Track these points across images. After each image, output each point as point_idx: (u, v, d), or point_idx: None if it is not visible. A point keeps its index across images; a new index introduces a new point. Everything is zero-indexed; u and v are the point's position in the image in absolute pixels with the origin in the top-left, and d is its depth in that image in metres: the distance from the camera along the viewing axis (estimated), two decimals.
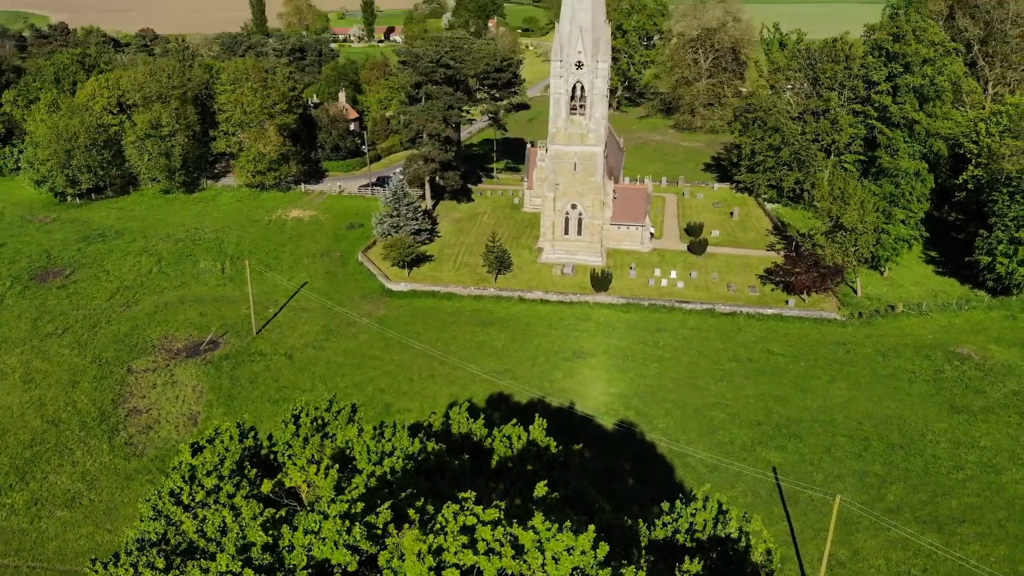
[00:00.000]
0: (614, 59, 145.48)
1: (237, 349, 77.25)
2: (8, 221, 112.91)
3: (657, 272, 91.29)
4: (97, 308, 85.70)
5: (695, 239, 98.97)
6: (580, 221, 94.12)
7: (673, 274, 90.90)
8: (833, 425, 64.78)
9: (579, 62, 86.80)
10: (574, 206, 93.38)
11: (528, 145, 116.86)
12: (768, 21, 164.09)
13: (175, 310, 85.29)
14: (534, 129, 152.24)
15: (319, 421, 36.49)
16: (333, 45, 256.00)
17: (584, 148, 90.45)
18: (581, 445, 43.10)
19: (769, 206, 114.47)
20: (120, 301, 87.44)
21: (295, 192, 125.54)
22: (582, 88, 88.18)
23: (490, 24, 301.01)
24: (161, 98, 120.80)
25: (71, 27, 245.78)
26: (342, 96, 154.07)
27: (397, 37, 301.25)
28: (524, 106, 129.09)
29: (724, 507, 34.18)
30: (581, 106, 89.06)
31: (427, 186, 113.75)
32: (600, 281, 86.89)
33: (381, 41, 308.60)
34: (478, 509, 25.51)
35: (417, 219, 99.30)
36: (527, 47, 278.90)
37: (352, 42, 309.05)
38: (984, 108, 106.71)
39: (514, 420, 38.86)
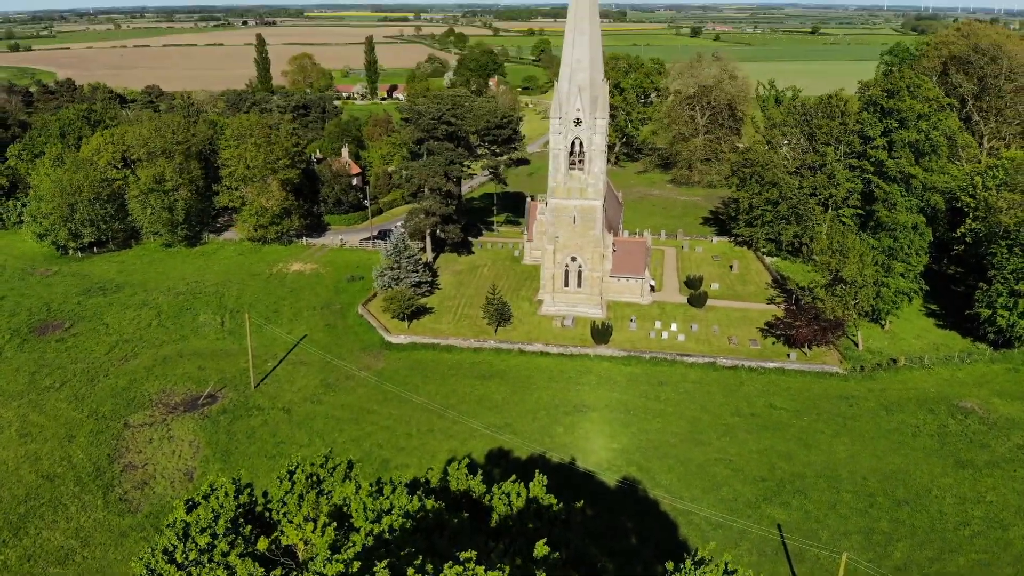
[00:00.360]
0: (612, 116, 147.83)
1: (235, 403, 76.60)
2: (9, 274, 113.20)
3: (658, 324, 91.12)
4: (95, 361, 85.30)
5: (695, 292, 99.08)
6: (580, 273, 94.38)
7: (674, 327, 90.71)
8: (838, 481, 63.85)
9: (578, 119, 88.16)
10: (574, 258, 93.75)
11: (528, 199, 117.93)
12: (763, 78, 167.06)
13: (173, 364, 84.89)
14: (534, 183, 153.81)
15: (314, 478, 35.94)
16: (337, 102, 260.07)
17: (583, 202, 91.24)
18: (582, 502, 42.38)
19: (768, 259, 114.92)
20: (119, 355, 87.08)
21: (297, 245, 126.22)
22: (581, 144, 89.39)
23: (491, 83, 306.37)
24: (165, 153, 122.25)
25: (78, 83, 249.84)
26: (345, 151, 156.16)
27: (400, 95, 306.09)
28: (524, 161, 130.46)
29: (731, 567, 33.34)
30: (580, 161, 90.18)
31: (428, 239, 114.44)
32: (600, 333, 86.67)
33: (384, 99, 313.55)
34: (479, 570, 24.95)
35: (417, 271, 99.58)
36: (527, 105, 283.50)
37: (355, 100, 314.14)
38: (980, 162, 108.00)
39: (514, 476, 38.27)
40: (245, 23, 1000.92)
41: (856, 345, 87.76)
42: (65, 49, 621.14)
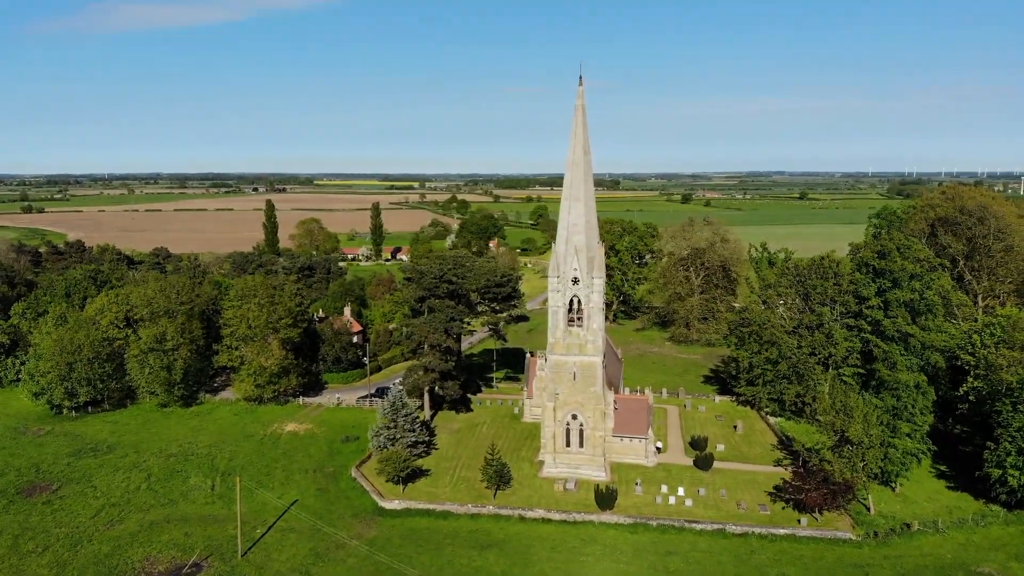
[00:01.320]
0: (608, 275, 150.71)
1: (220, 573, 72.61)
2: (1, 433, 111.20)
3: (664, 488, 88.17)
4: (80, 526, 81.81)
5: (700, 453, 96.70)
6: (582, 432, 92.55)
7: (680, 491, 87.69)
8: None
9: (575, 278, 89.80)
10: (575, 416, 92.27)
11: (527, 355, 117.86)
12: (755, 241, 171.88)
13: (160, 530, 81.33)
14: (533, 339, 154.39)
15: None
16: (341, 264, 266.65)
17: (583, 358, 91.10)
18: None
19: (772, 419, 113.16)
20: (104, 519, 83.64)
21: (293, 405, 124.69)
22: (579, 302, 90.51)
23: (491, 244, 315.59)
24: (168, 313, 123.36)
25: (87, 245, 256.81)
26: (347, 310, 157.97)
27: (403, 256, 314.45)
28: (523, 318, 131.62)
29: None
30: (579, 318, 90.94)
31: (426, 396, 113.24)
32: (605, 498, 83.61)
33: (388, 260, 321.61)
34: None
35: (414, 430, 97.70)
36: (526, 264, 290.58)
37: (360, 261, 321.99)
38: (976, 320, 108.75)
39: None
40: (256, 190, 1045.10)
41: (868, 509, 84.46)
42: (78, 212, 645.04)
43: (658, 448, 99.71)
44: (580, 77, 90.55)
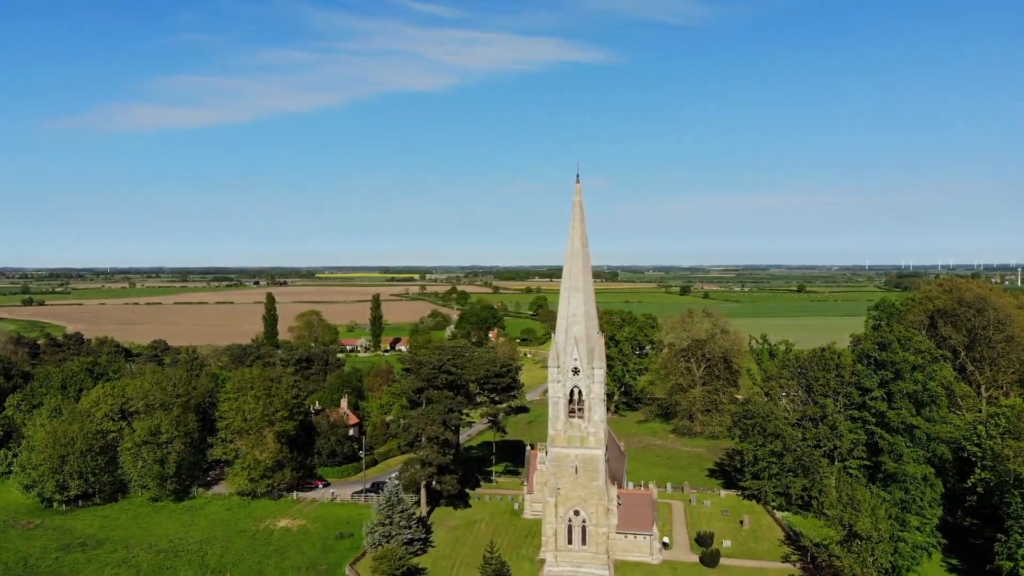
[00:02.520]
0: (609, 366, 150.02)
1: None
2: None
3: None
4: None
5: (707, 550, 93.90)
6: (584, 528, 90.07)
7: None
8: None
9: (576, 368, 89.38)
10: (577, 512, 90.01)
11: (528, 447, 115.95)
12: (755, 332, 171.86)
13: None
14: (533, 431, 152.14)
15: None
16: (340, 355, 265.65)
17: (585, 451, 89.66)
18: None
19: (779, 514, 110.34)
20: None
21: (287, 500, 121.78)
22: (579, 392, 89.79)
23: (490, 335, 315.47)
24: (164, 406, 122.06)
25: (86, 337, 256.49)
26: (344, 402, 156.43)
27: (403, 347, 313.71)
28: (523, 409, 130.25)
29: None
30: (580, 409, 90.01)
31: (423, 491, 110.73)
32: None
33: (387, 351, 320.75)
34: None
35: (410, 527, 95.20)
36: (525, 355, 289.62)
37: (359, 352, 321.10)
38: (981, 411, 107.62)
39: None
40: (257, 283, 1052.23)
41: None
42: (78, 305, 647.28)
43: (664, 544, 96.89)
44: (577, 176, 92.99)
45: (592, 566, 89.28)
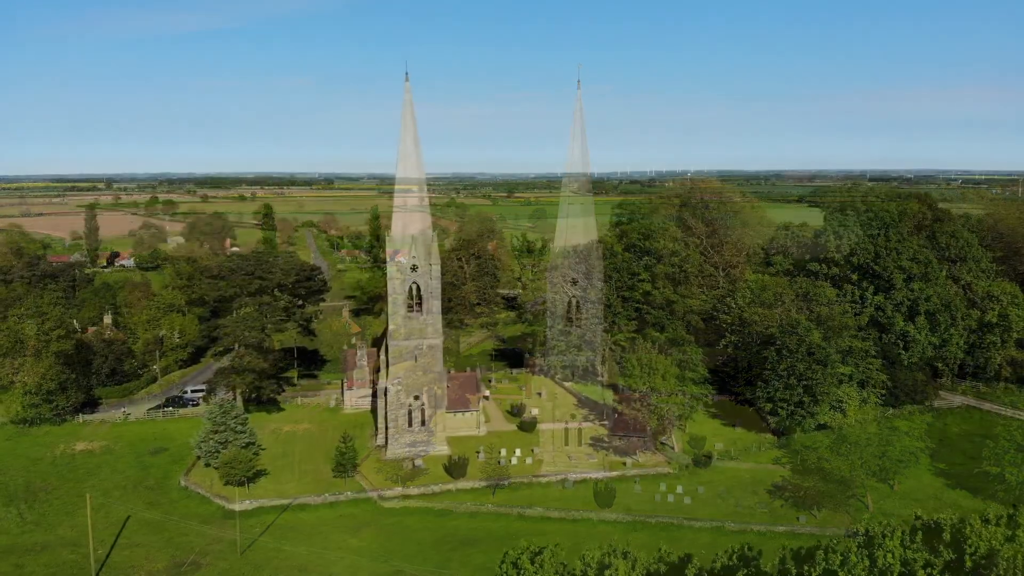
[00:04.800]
0: None
1: None
2: None
3: (503, 452, 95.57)
4: None
5: (522, 419, 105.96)
6: (423, 411, 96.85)
7: (518, 452, 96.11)
8: None
9: (414, 265, 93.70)
10: (417, 397, 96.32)
11: (345, 348, 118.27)
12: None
13: None
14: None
15: None
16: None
17: (425, 341, 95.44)
18: None
19: (567, 383, 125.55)
20: None
21: (72, 424, 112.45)
22: (418, 288, 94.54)
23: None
24: None
25: None
26: (107, 319, 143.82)
27: (123, 261, 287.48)
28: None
29: None
30: (419, 303, 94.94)
31: (239, 398, 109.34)
32: (457, 468, 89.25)
33: (106, 266, 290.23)
34: None
35: (245, 432, 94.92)
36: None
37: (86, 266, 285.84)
38: (721, 287, 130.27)
39: None
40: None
41: (672, 448, 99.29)
42: None
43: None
44: (407, 74, 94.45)
45: (431, 445, 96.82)
